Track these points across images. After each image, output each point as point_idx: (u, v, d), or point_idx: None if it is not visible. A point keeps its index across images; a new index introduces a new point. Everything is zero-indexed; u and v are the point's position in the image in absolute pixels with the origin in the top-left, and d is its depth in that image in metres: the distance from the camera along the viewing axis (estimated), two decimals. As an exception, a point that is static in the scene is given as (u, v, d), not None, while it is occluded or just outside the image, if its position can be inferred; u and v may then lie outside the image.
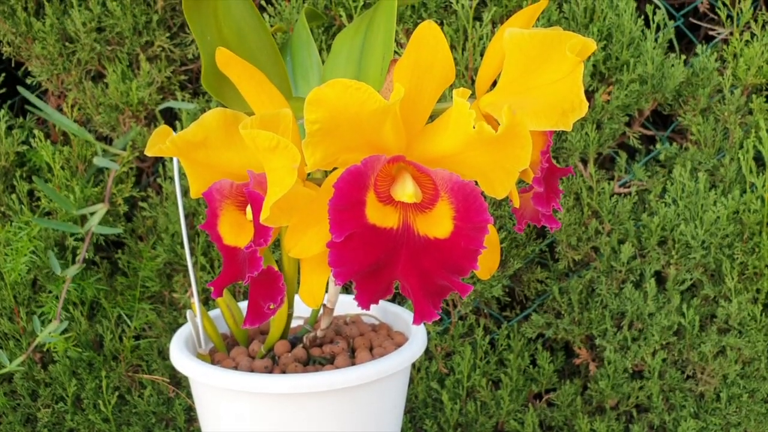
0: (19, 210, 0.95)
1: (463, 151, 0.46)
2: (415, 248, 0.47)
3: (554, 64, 0.48)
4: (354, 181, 0.45)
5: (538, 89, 0.49)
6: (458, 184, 0.46)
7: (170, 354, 0.62)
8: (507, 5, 0.91)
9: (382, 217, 0.47)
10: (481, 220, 0.45)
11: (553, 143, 0.92)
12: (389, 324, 0.69)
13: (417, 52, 0.47)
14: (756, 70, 0.91)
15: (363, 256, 0.46)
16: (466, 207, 0.45)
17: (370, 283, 0.47)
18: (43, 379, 0.97)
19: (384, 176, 0.48)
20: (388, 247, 0.47)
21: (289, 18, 0.91)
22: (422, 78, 0.48)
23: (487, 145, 0.45)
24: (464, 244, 0.46)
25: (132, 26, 0.94)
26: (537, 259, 0.98)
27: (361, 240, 0.46)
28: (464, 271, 0.46)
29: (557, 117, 0.47)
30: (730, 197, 0.88)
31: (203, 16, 0.53)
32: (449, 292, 0.47)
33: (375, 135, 0.46)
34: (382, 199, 0.47)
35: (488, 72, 0.53)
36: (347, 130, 0.45)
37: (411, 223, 0.48)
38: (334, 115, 0.44)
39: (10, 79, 1.03)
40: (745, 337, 0.90)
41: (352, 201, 0.46)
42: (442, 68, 0.47)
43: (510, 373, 0.95)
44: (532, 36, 0.49)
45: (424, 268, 0.47)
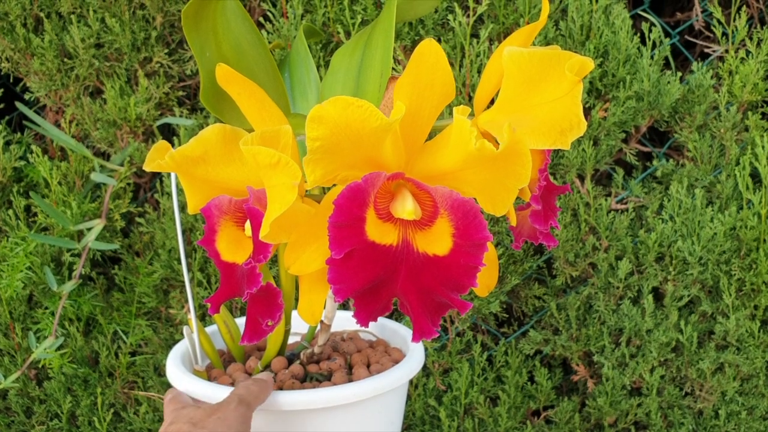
0: (16, 225, 0.95)
1: (463, 168, 0.46)
2: (414, 265, 0.47)
3: (553, 83, 0.48)
4: (354, 198, 0.45)
5: (536, 108, 0.49)
6: (458, 201, 0.46)
7: (166, 370, 0.62)
8: (504, 22, 0.91)
9: (382, 234, 0.47)
10: (480, 237, 0.45)
11: (551, 160, 0.92)
12: (387, 340, 0.69)
13: (417, 69, 0.47)
14: (751, 87, 0.91)
15: (362, 273, 0.46)
16: (466, 224, 0.45)
17: (369, 300, 0.46)
18: (38, 395, 0.96)
19: (383, 193, 0.48)
20: (387, 264, 0.47)
21: (287, 34, 0.91)
22: (422, 95, 0.48)
23: (487, 162, 0.45)
24: (463, 261, 0.46)
25: (131, 42, 0.94)
26: (534, 275, 0.98)
27: (360, 257, 0.46)
28: (464, 288, 0.46)
29: (556, 135, 0.47)
30: (727, 214, 0.89)
31: (202, 33, 0.54)
32: (448, 309, 0.47)
33: (375, 152, 0.46)
34: (382, 216, 0.47)
35: (487, 90, 0.54)
36: (348, 147, 0.45)
37: (410, 240, 0.47)
38: (336, 132, 0.44)
39: (9, 94, 1.03)
40: (743, 354, 0.90)
41: (352, 218, 0.46)
42: (442, 86, 0.48)
43: (508, 390, 0.95)
44: (531, 55, 0.49)
45: (424, 285, 0.47)
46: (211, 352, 0.65)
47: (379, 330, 0.70)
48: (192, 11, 0.52)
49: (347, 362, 0.64)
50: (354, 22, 0.90)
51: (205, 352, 0.65)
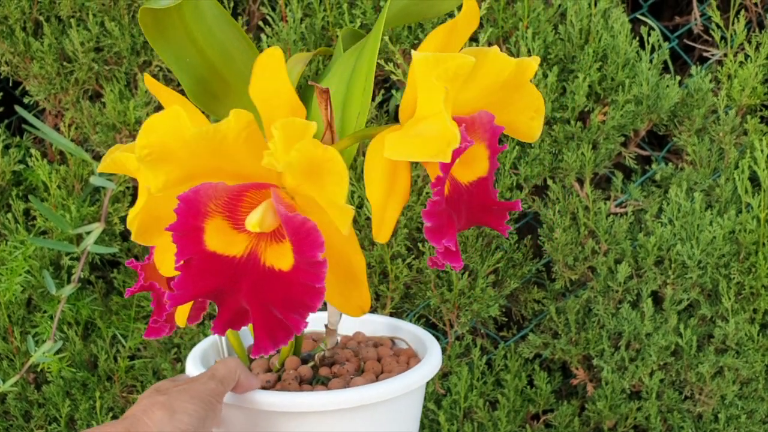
0: (15, 229, 0.95)
1: (296, 184, 0.46)
2: (257, 278, 0.47)
3: (434, 92, 0.47)
4: (187, 209, 0.46)
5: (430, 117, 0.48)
6: (286, 217, 0.45)
7: (186, 365, 0.63)
8: (503, 26, 0.91)
9: (227, 244, 0.47)
10: (312, 255, 0.45)
11: (551, 163, 0.92)
12: (417, 351, 0.67)
13: (261, 78, 0.47)
14: (750, 90, 0.91)
15: (201, 281, 0.46)
16: (299, 240, 0.45)
17: (221, 309, 0.47)
18: (37, 399, 0.96)
19: (252, 203, 0.47)
20: (228, 274, 0.47)
21: (287, 38, 0.91)
22: (272, 104, 0.47)
23: (302, 178, 0.45)
24: (303, 279, 0.45)
25: (130, 46, 0.94)
26: (534, 279, 0.98)
27: (198, 266, 0.46)
28: (306, 306, 0.46)
29: (440, 147, 0.46)
30: (726, 217, 0.89)
31: (173, 41, 0.54)
32: (288, 333, 0.46)
33: (224, 161, 0.46)
34: (238, 227, 0.47)
35: (408, 99, 0.52)
36: (184, 156, 0.45)
37: (259, 253, 0.47)
38: (164, 141, 0.45)
39: (8, 98, 1.03)
40: (742, 358, 0.90)
41: (187, 227, 0.46)
42: (284, 95, 0.47)
43: (507, 394, 0.95)
44: (426, 59, 0.48)
45: (266, 300, 0.46)
46: (238, 348, 0.66)
47: (413, 339, 0.69)
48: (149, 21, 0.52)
49: (360, 368, 0.64)
50: (354, 26, 0.90)
51: (232, 347, 0.66)
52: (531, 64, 0.52)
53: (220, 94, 0.56)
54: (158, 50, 0.53)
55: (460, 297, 0.92)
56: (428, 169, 0.52)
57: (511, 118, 0.54)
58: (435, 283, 0.92)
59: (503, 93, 0.52)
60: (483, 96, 0.51)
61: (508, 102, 0.53)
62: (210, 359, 0.66)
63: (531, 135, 0.56)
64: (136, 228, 0.49)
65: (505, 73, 0.51)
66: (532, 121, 0.55)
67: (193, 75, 0.54)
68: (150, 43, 0.53)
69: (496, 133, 0.52)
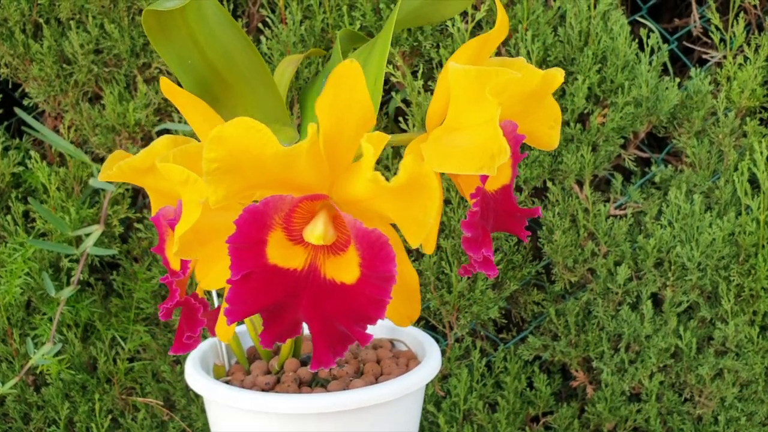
0: (14, 231, 0.95)
1: (373, 197, 0.45)
2: (318, 291, 0.46)
3: (482, 104, 0.47)
4: (253, 221, 0.45)
5: (472, 129, 0.48)
6: (361, 231, 0.44)
7: (185, 367, 0.63)
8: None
9: (287, 257, 0.46)
10: (385, 270, 0.44)
11: (550, 165, 0.92)
12: (416, 353, 0.67)
13: (336, 90, 0.46)
14: (750, 93, 0.92)
15: (260, 296, 0.45)
16: (372, 255, 0.44)
17: (272, 323, 0.46)
18: (36, 401, 0.96)
19: (304, 213, 0.47)
20: (289, 288, 0.46)
21: (286, 40, 0.91)
22: (342, 117, 0.46)
23: (388, 193, 0.44)
24: (369, 293, 0.45)
25: (129, 48, 0.94)
26: (533, 281, 0.98)
27: (259, 280, 0.45)
28: (370, 319, 0.45)
29: (485, 160, 0.46)
30: (726, 219, 0.89)
31: (176, 43, 0.53)
32: (349, 343, 0.45)
33: (288, 174, 0.45)
34: (294, 238, 0.46)
35: (437, 106, 0.52)
36: (250, 169, 0.44)
37: (319, 265, 0.46)
38: (235, 155, 0.43)
39: (7, 100, 1.03)
40: (742, 360, 0.90)
41: (251, 240, 0.45)
42: (360, 108, 0.47)
43: (507, 396, 0.95)
44: (467, 72, 0.48)
45: (327, 313, 0.45)
46: (237, 349, 0.66)
47: (412, 341, 0.69)
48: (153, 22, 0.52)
49: (360, 370, 0.64)
50: (353, 28, 0.90)
51: (231, 349, 0.66)
52: (557, 76, 0.52)
53: (221, 95, 0.56)
54: (160, 52, 0.53)
55: (460, 299, 0.92)
56: (461, 180, 0.53)
57: (533, 127, 0.55)
58: (434, 285, 0.92)
59: (527, 103, 0.53)
60: (507, 106, 0.51)
61: (531, 112, 0.54)
62: (209, 362, 0.66)
63: (550, 144, 0.56)
64: (182, 244, 0.48)
65: (532, 84, 0.51)
66: (552, 130, 0.56)
67: (195, 76, 0.54)
68: (152, 45, 0.53)
69: (519, 141, 0.52)
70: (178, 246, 0.47)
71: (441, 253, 0.92)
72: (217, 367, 0.65)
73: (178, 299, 0.54)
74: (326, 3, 0.91)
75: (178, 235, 0.47)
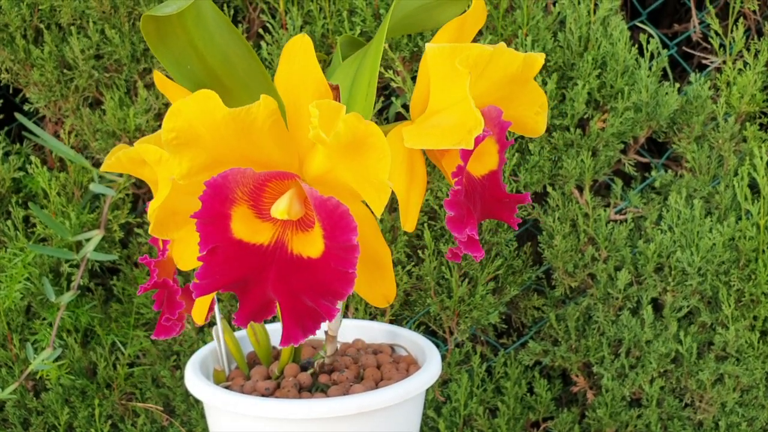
0: (14, 236, 0.95)
1: (330, 167, 0.46)
2: (285, 267, 0.46)
3: (455, 80, 0.47)
4: (215, 194, 0.45)
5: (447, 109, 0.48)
6: (319, 200, 0.44)
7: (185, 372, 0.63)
8: (503, 33, 0.92)
9: (253, 232, 0.46)
10: (345, 239, 0.44)
11: (550, 170, 0.92)
12: (417, 358, 0.67)
13: (288, 66, 0.47)
14: (749, 98, 0.92)
15: (227, 271, 0.45)
16: (332, 225, 0.44)
17: (244, 300, 0.45)
18: (36, 407, 0.96)
19: (275, 193, 0.47)
20: (255, 263, 0.46)
21: (287, 46, 0.91)
22: (297, 93, 0.47)
23: (337, 156, 0.44)
24: (334, 265, 0.44)
25: (130, 53, 0.94)
26: (533, 286, 0.98)
27: (225, 254, 0.45)
28: (337, 293, 0.45)
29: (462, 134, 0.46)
30: (726, 224, 0.89)
31: (174, 48, 0.53)
32: (318, 319, 0.45)
33: (250, 147, 0.46)
34: (262, 215, 0.47)
35: (419, 92, 0.53)
36: (209, 138, 0.44)
37: (286, 241, 0.46)
38: (193, 124, 0.44)
39: (8, 105, 1.03)
40: (743, 365, 0.90)
41: (214, 214, 0.45)
42: (314, 82, 0.47)
43: (507, 401, 0.95)
44: (441, 50, 0.48)
45: (294, 288, 0.45)
46: (237, 355, 0.66)
47: (412, 346, 0.69)
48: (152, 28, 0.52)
49: (360, 375, 0.64)
50: (353, 34, 0.90)
51: (231, 354, 0.66)
52: (537, 58, 0.52)
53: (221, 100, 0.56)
54: (160, 57, 0.53)
55: (460, 304, 0.92)
56: (445, 163, 0.53)
57: (518, 113, 0.55)
58: (435, 290, 0.92)
59: (510, 88, 0.53)
60: (491, 91, 0.51)
61: (515, 97, 0.54)
62: (209, 366, 0.66)
63: (536, 129, 0.56)
64: (155, 221, 0.49)
65: (513, 67, 0.51)
66: (538, 116, 0.56)
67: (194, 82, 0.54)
68: (152, 50, 0.53)
69: (504, 127, 0.52)
70: (152, 223, 0.48)
71: (441, 258, 0.92)
72: (217, 372, 0.65)
73: (156, 280, 0.55)
74: (327, 8, 0.91)
75: (151, 211, 0.48)
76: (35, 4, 0.95)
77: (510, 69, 0.51)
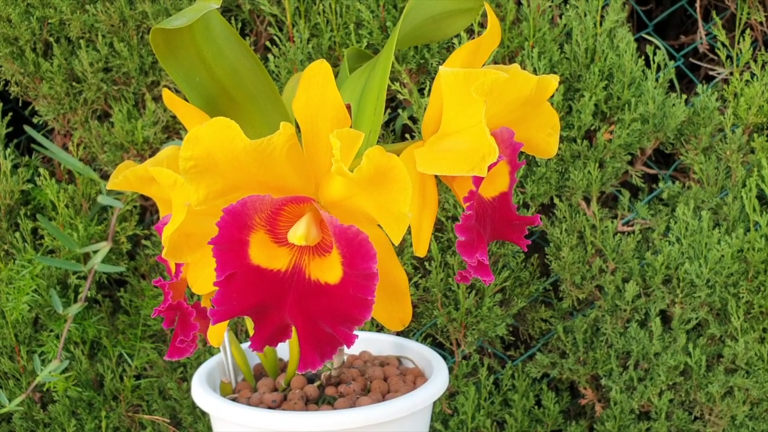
0: (23, 248, 0.95)
1: (349, 195, 0.45)
2: (303, 292, 0.46)
3: (470, 106, 0.47)
4: (233, 221, 0.45)
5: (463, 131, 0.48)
6: (339, 228, 0.44)
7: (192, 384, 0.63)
8: (509, 46, 0.92)
9: (271, 258, 0.46)
10: (365, 267, 0.44)
11: (557, 182, 0.92)
12: (424, 370, 0.67)
13: (307, 91, 0.47)
14: (757, 109, 0.91)
15: (244, 297, 0.45)
16: (351, 253, 0.44)
17: (261, 325, 0.45)
18: (42, 419, 0.96)
19: (291, 217, 0.47)
20: (273, 289, 0.46)
21: (294, 58, 0.92)
22: (316, 117, 0.47)
23: (358, 188, 0.44)
24: (353, 292, 0.44)
25: (138, 66, 0.95)
26: (541, 298, 0.98)
27: (242, 281, 0.45)
28: (355, 320, 0.45)
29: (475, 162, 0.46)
30: (734, 236, 0.88)
31: (183, 61, 0.54)
32: (336, 345, 0.45)
33: (267, 173, 0.45)
34: (279, 240, 0.46)
35: (432, 113, 0.52)
36: (227, 166, 0.44)
37: (303, 266, 0.46)
38: (210, 152, 0.44)
39: (17, 118, 1.04)
40: (752, 378, 0.89)
41: (232, 240, 0.45)
42: (333, 107, 0.47)
43: (515, 414, 0.94)
44: (456, 75, 0.48)
45: (312, 314, 0.45)
46: (244, 367, 0.66)
47: (419, 358, 0.69)
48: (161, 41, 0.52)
49: (367, 387, 0.64)
50: (360, 46, 0.90)
51: (238, 366, 0.66)
52: (551, 81, 0.52)
53: (229, 113, 0.57)
54: (168, 70, 0.53)
55: (467, 316, 0.92)
56: (456, 186, 0.53)
57: (530, 134, 0.55)
58: (442, 302, 0.92)
59: (523, 110, 0.53)
60: (504, 113, 0.51)
61: (527, 119, 0.54)
62: (216, 379, 0.66)
63: (549, 151, 0.56)
64: (169, 246, 0.49)
65: (526, 90, 0.51)
66: (550, 138, 0.56)
67: (203, 94, 0.54)
68: (160, 63, 0.53)
69: (516, 149, 0.52)
70: (166, 247, 0.48)
71: (448, 270, 0.91)
72: (224, 385, 0.65)
73: (170, 302, 0.55)
74: (334, 21, 0.92)
75: (166, 236, 0.48)
76: (45, 17, 0.96)
77: (524, 92, 0.51)
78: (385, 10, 0.91)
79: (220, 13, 0.54)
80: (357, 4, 0.90)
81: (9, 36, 0.95)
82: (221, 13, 0.54)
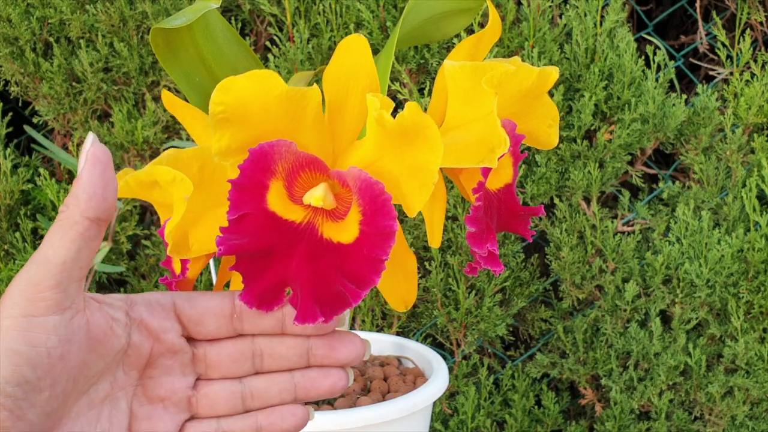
0: (23, 248, 0.95)
1: (378, 157, 0.45)
2: (314, 246, 0.45)
3: (479, 98, 0.48)
4: (257, 162, 0.44)
5: (470, 124, 0.48)
6: (366, 182, 0.44)
7: None
8: (509, 46, 0.92)
9: (287, 209, 0.45)
10: (386, 225, 0.43)
11: (557, 182, 0.92)
12: (424, 370, 0.67)
13: (342, 59, 0.46)
14: (757, 109, 0.91)
15: (254, 237, 0.44)
16: (374, 209, 0.43)
17: (256, 274, 0.44)
18: (43, 419, 0.96)
19: (304, 183, 0.47)
20: (284, 237, 0.45)
21: (294, 58, 0.92)
22: (347, 86, 0.46)
23: (390, 142, 0.44)
24: (367, 251, 0.43)
25: (138, 66, 0.95)
26: (541, 298, 0.98)
27: (254, 222, 0.44)
28: (364, 281, 0.44)
29: (485, 153, 0.46)
30: (734, 236, 0.88)
31: (183, 61, 0.54)
32: (343, 301, 0.44)
33: (292, 128, 0.45)
34: (294, 200, 0.46)
35: (436, 106, 0.53)
36: (257, 120, 0.44)
37: (317, 225, 0.46)
38: (242, 100, 0.43)
39: (17, 118, 1.04)
40: (752, 377, 0.89)
41: (253, 182, 0.44)
42: (366, 77, 0.46)
43: (515, 414, 0.94)
44: (463, 68, 0.48)
45: (320, 270, 0.44)
46: None
47: (419, 358, 0.69)
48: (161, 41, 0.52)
49: (367, 387, 0.64)
50: (360, 46, 0.90)
51: None
52: (551, 72, 0.52)
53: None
54: (168, 70, 0.53)
55: (467, 316, 0.92)
56: (463, 178, 0.53)
57: (531, 127, 0.55)
58: (442, 302, 0.92)
59: (524, 102, 0.53)
60: (506, 106, 0.52)
61: (528, 111, 0.54)
62: None
63: (549, 142, 0.57)
64: (173, 242, 0.49)
65: (528, 82, 0.51)
66: (550, 129, 0.56)
67: (202, 94, 0.54)
68: (160, 63, 0.53)
69: (518, 141, 0.53)
70: (170, 244, 0.48)
71: (448, 270, 0.91)
72: None
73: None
74: (333, 21, 0.92)
75: (168, 232, 0.48)
76: (45, 17, 0.96)
77: (525, 84, 0.52)
78: (385, 10, 0.91)
79: (220, 12, 0.54)
80: (357, 4, 0.90)
81: (9, 36, 0.95)
82: (221, 13, 0.54)
